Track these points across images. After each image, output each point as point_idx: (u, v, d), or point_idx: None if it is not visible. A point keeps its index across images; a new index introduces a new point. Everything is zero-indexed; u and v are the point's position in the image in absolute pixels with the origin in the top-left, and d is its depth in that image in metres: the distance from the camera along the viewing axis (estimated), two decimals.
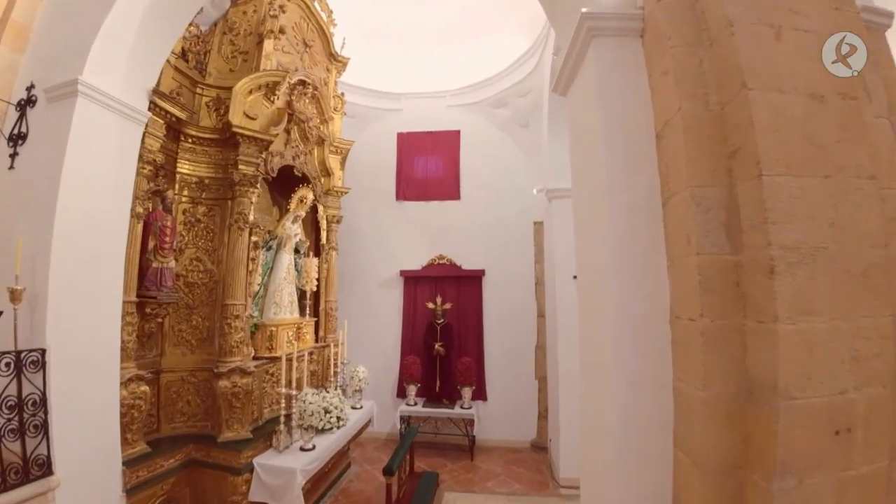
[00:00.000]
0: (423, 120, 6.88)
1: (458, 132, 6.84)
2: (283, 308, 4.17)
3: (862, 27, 1.52)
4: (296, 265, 4.69)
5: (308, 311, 4.85)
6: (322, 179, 5.20)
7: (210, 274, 3.51)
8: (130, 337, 2.96)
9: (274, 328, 3.89)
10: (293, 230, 4.35)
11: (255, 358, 3.86)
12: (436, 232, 6.66)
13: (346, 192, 5.51)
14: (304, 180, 4.68)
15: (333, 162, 5.42)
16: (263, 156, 3.83)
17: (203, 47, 3.90)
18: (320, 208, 5.15)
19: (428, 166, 6.77)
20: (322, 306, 5.18)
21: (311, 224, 5.28)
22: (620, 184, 1.79)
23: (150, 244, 3.08)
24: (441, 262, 6.55)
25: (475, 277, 6.47)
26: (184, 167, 3.49)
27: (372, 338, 6.55)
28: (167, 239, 3.14)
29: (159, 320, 3.25)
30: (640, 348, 1.69)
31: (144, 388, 3.03)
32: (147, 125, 3.04)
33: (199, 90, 3.70)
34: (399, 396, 6.41)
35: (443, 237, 6.63)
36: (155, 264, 3.13)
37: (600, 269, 1.84)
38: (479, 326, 6.39)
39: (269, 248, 4.17)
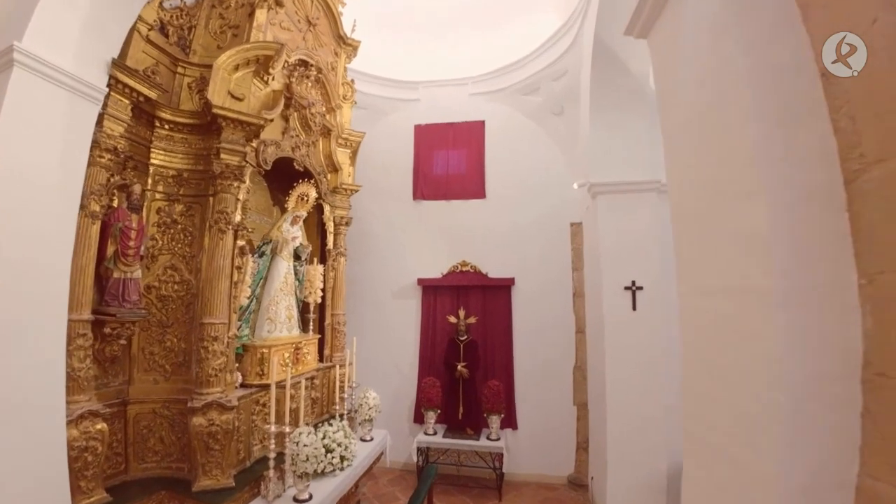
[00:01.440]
0: (443, 110, 6.33)
1: (482, 123, 6.24)
2: (279, 324, 3.64)
3: None
4: (297, 274, 4.16)
5: (312, 327, 4.31)
6: (328, 175, 4.69)
7: (187, 285, 3.01)
8: (83, 364, 2.48)
9: (265, 350, 3.36)
10: (291, 233, 3.83)
11: (243, 385, 3.34)
12: (458, 235, 6.07)
13: (356, 191, 4.98)
14: (307, 176, 4.17)
15: (342, 156, 4.91)
16: (254, 144, 3.33)
17: (187, 21, 3.44)
18: (326, 208, 4.63)
19: (449, 162, 6.18)
20: (328, 321, 4.64)
21: (317, 226, 4.77)
22: (779, 153, 1.12)
23: (110, 250, 2.58)
24: (464, 269, 5.93)
25: (503, 287, 5.82)
26: (158, 158, 3.02)
27: (386, 356, 6.00)
28: (131, 243, 2.64)
29: (122, 342, 2.75)
30: (819, 428, 1.01)
31: (101, 425, 2.54)
32: (106, 105, 2.57)
33: (180, 69, 3.24)
34: (417, 422, 5.81)
35: (466, 241, 6.03)
36: (116, 274, 2.64)
37: (748, 297, 1.16)
38: (507, 344, 5.74)
39: (263, 255, 3.65)
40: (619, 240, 4.40)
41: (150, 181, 2.99)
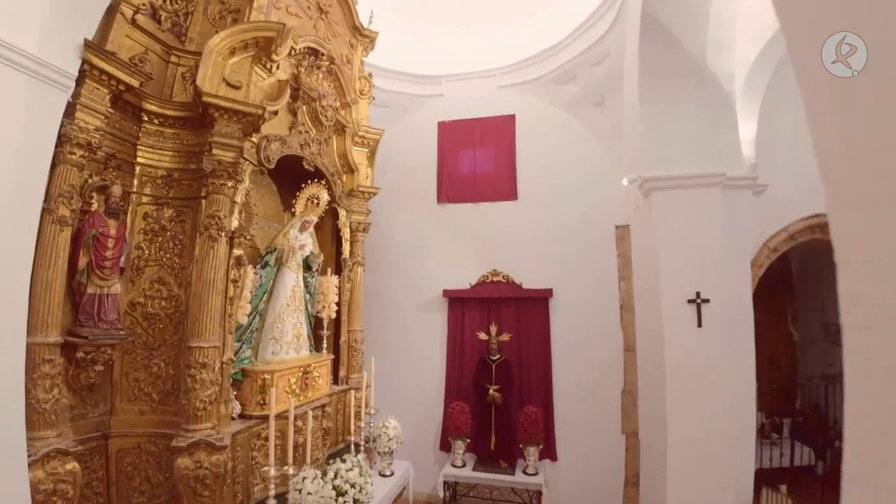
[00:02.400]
0: (469, 105, 5.89)
1: (512, 117, 5.77)
2: (285, 345, 3.26)
3: None
4: (308, 286, 3.79)
5: (326, 345, 3.93)
6: (343, 177, 4.34)
7: (176, 301, 2.67)
8: (49, 394, 2.14)
9: (267, 375, 2.97)
10: (300, 240, 3.47)
11: (242, 416, 2.95)
12: (488, 241, 5.61)
13: (374, 194, 4.61)
14: (319, 177, 3.81)
15: (358, 156, 4.55)
16: (255, 140, 2.99)
17: (183, 6, 3.15)
18: (341, 213, 4.27)
19: (476, 160, 5.75)
20: (343, 338, 4.25)
21: (332, 233, 4.42)
22: None
23: (82, 261, 2.25)
24: (495, 279, 5.45)
25: (539, 299, 5.30)
26: (145, 156, 2.72)
27: (408, 376, 5.58)
28: (108, 253, 2.32)
29: (99, 368, 2.41)
30: None
31: (72, 465, 2.20)
32: (80, 94, 2.26)
33: (173, 58, 2.94)
34: (443, 450, 5.32)
35: (497, 248, 5.56)
36: (91, 289, 2.31)
37: None
38: (545, 363, 5.20)
39: (266, 265, 3.29)
40: (680, 244, 3.81)
41: (135, 182, 2.68)
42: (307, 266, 3.75)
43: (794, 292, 7.12)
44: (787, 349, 7.00)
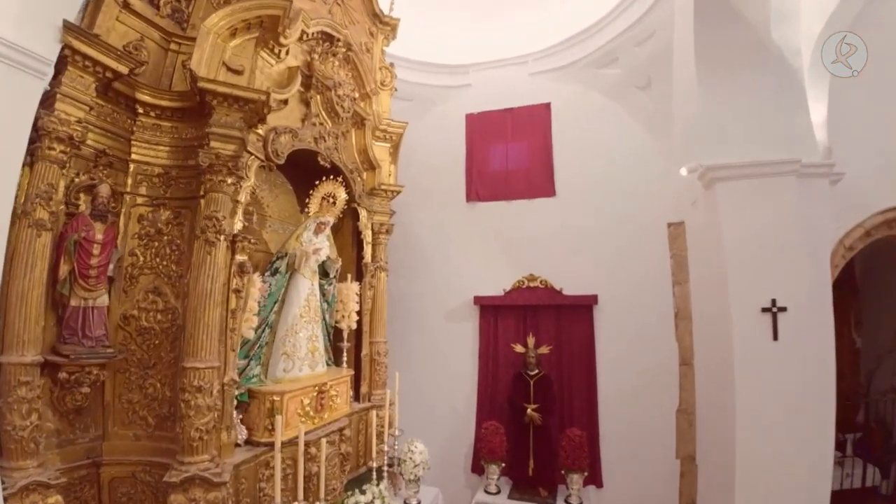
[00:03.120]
0: (500, 95, 5.51)
1: (547, 106, 5.36)
2: (298, 360, 2.97)
3: None
4: (325, 294, 3.50)
5: (346, 359, 3.62)
6: (364, 174, 4.04)
7: (173, 314, 2.41)
8: (27, 420, 1.91)
9: (277, 397, 2.67)
10: (315, 243, 3.17)
11: (249, 442, 2.66)
12: (523, 243, 5.21)
13: (398, 192, 4.30)
14: (336, 173, 3.51)
15: (380, 151, 4.26)
16: (261, 132, 2.71)
17: None
18: (362, 214, 3.97)
19: (508, 154, 5.37)
20: (365, 350, 3.94)
21: (352, 236, 4.12)
22: None
23: (63, 269, 2.01)
24: (532, 284, 5.03)
25: (582, 307, 4.86)
26: (140, 152, 2.48)
27: (436, 390, 5.23)
28: (93, 261, 2.07)
29: (85, 390, 2.17)
30: None
31: (55, 499, 1.98)
32: (61, 83, 2.03)
33: (173, 45, 2.71)
34: (475, 472, 4.92)
35: (533, 250, 5.15)
36: (74, 301, 2.08)
37: None
38: (589, 379, 4.74)
39: (276, 272, 3.00)
40: (751, 243, 3.29)
41: (129, 182, 2.44)
42: (324, 272, 3.46)
43: (858, 294, 6.34)
44: (850, 357, 6.21)
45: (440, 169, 5.56)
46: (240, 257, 2.46)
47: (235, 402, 2.52)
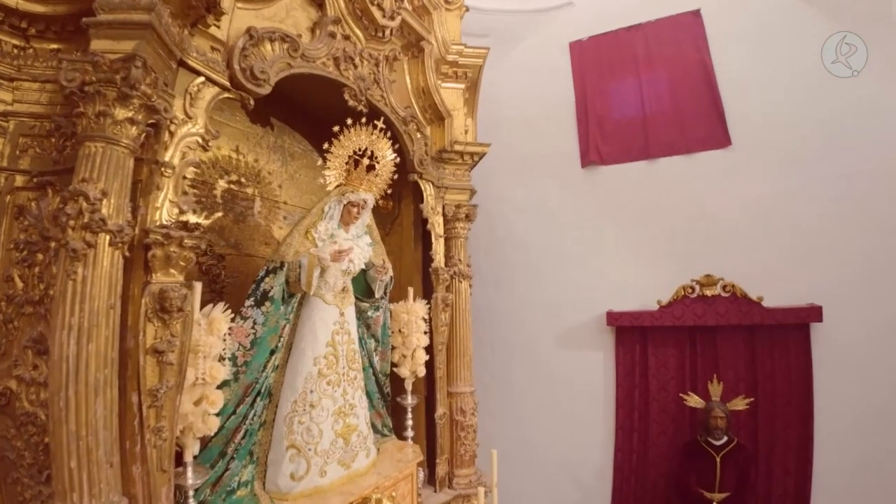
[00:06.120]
0: (618, 10, 4.23)
1: (696, 13, 3.98)
2: (319, 457, 1.73)
3: None
4: (368, 326, 2.24)
5: (411, 424, 2.40)
6: (426, 129, 2.76)
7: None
8: None
9: None
10: (341, 242, 1.93)
11: None
12: (685, 226, 3.87)
13: (481, 157, 3.24)
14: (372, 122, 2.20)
15: (450, 96, 3.10)
16: (219, 34, 1.47)
17: None
18: (427, 192, 2.74)
19: (643, 92, 4.09)
20: (440, 410, 2.67)
21: (414, 228, 2.92)
22: None
23: None
24: (709, 293, 3.58)
25: (793, 326, 3.43)
26: (16, 97, 1.41)
27: (546, 454, 3.96)
28: None
29: None
30: None
31: None
32: None
33: None
34: None
35: (704, 237, 3.78)
36: None
37: None
38: (803, 444, 3.36)
39: (266, 300, 1.71)
40: None
41: (6, 150, 1.34)
42: (365, 289, 2.18)
43: None
44: None
45: (538, 125, 4.45)
46: (162, 278, 1.20)
47: None
